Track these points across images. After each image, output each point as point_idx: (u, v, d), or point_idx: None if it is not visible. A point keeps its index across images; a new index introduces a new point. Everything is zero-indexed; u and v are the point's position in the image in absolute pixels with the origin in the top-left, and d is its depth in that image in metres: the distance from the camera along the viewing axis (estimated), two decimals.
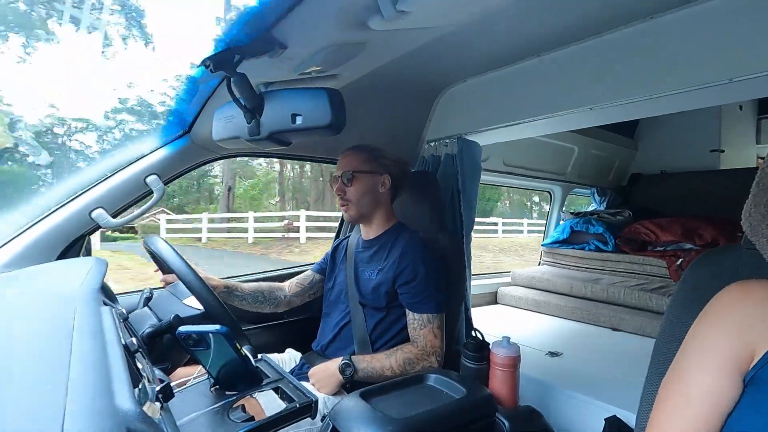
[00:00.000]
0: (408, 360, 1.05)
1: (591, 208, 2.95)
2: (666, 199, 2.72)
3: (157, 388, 0.49)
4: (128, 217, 1.17)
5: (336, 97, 0.71)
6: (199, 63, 0.73)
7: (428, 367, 1.06)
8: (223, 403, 0.68)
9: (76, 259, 1.08)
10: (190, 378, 0.85)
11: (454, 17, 0.79)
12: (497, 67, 1.38)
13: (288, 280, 1.37)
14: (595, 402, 1.16)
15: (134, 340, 0.56)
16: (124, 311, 0.75)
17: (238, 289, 1.23)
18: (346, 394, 1.00)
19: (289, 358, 1.27)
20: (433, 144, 1.65)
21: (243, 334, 0.97)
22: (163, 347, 0.88)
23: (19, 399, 0.32)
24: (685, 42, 0.99)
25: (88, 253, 1.15)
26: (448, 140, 1.58)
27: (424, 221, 1.32)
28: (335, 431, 0.83)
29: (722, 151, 2.73)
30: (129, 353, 0.51)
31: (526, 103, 1.33)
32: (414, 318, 1.10)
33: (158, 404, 0.47)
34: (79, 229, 1.09)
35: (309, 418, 0.68)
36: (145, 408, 0.39)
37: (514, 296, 2.38)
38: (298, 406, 0.66)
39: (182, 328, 0.68)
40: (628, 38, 1.09)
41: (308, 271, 1.38)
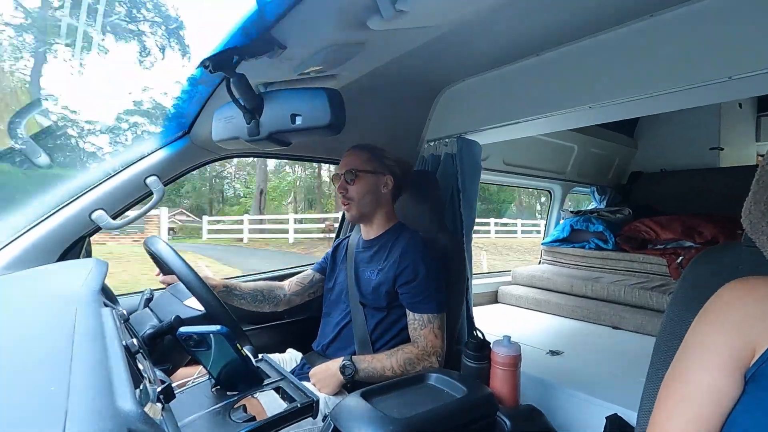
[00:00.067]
0: (409, 360, 1.05)
1: (591, 207, 2.95)
2: (666, 197, 2.72)
3: (158, 389, 0.49)
4: (128, 218, 1.17)
5: (335, 97, 0.71)
6: (198, 63, 0.73)
7: (429, 367, 1.06)
8: (224, 403, 0.68)
9: (77, 260, 1.08)
10: (191, 379, 0.85)
11: (454, 16, 0.79)
12: (497, 66, 1.38)
13: (288, 280, 1.37)
14: (596, 400, 1.17)
15: (135, 341, 0.56)
16: (125, 312, 0.75)
17: (237, 289, 1.23)
18: (347, 394, 1.00)
19: (289, 358, 1.27)
20: (432, 143, 1.65)
21: (244, 334, 0.97)
22: (163, 348, 0.88)
23: (20, 400, 0.32)
24: (684, 40, 0.99)
25: (89, 255, 1.15)
26: (447, 140, 1.58)
27: (424, 221, 1.32)
28: (336, 431, 0.83)
29: (722, 149, 2.73)
30: (130, 354, 0.51)
31: (526, 102, 1.33)
32: (414, 318, 1.10)
33: (159, 405, 0.47)
34: (79, 231, 1.09)
35: (310, 418, 0.68)
36: (147, 409, 0.39)
37: (515, 295, 2.38)
38: (299, 406, 0.65)
39: (183, 329, 0.68)
40: (628, 36, 1.09)
41: (308, 270, 1.38)
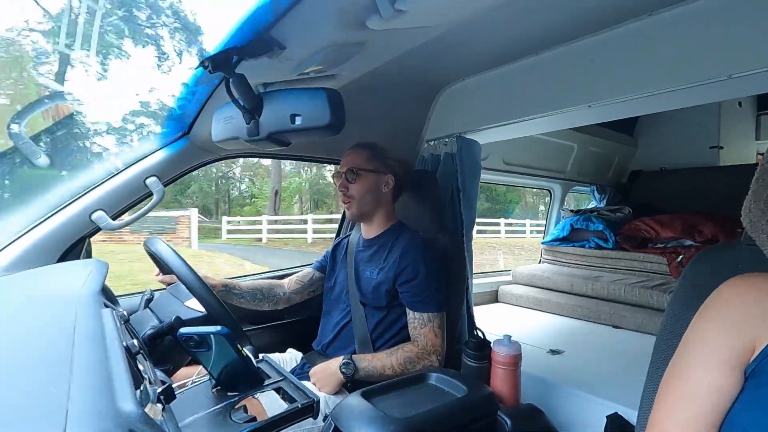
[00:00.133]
0: (409, 359, 1.05)
1: (591, 206, 2.95)
2: (666, 196, 2.72)
3: (159, 390, 0.49)
4: (128, 219, 1.17)
5: (335, 97, 0.71)
6: (197, 64, 0.73)
7: (429, 366, 1.06)
8: (224, 404, 0.68)
9: (77, 261, 1.08)
10: (192, 379, 0.85)
11: (453, 16, 0.79)
12: (496, 66, 1.38)
13: (287, 278, 1.37)
14: (597, 399, 1.17)
15: (135, 341, 0.56)
16: (125, 313, 0.75)
17: (237, 288, 1.23)
18: (348, 394, 1.00)
19: (290, 358, 1.27)
20: (432, 143, 1.65)
21: (244, 334, 0.97)
22: (164, 349, 0.88)
23: (20, 401, 0.32)
24: (683, 39, 0.99)
25: (89, 256, 1.15)
26: (447, 139, 1.58)
27: (425, 221, 1.32)
28: (337, 431, 0.83)
29: (722, 148, 2.73)
30: (130, 355, 0.51)
31: (526, 101, 1.33)
32: (414, 317, 1.10)
33: (160, 406, 0.47)
34: (79, 232, 1.09)
35: (311, 418, 0.68)
36: (147, 409, 0.39)
37: (515, 294, 2.38)
38: (299, 406, 0.65)
39: (183, 330, 0.68)
40: (627, 35, 1.09)
41: (308, 268, 1.38)
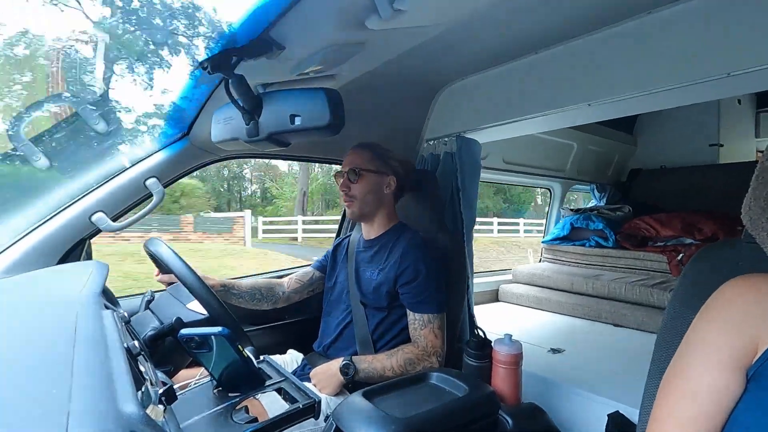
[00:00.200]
0: (409, 360, 1.05)
1: (591, 204, 2.95)
2: (665, 194, 2.72)
3: (160, 391, 0.49)
4: (128, 220, 1.17)
5: (334, 97, 0.71)
6: (197, 65, 0.73)
7: (429, 367, 1.06)
8: (226, 404, 0.68)
9: (77, 263, 1.08)
10: (193, 380, 0.85)
11: (452, 15, 0.79)
12: (495, 65, 1.38)
13: (287, 277, 1.37)
14: (598, 398, 1.17)
15: (136, 343, 0.56)
16: (126, 314, 0.75)
17: (235, 287, 1.23)
18: (348, 395, 1.00)
19: (291, 359, 1.27)
20: (432, 143, 1.65)
21: (245, 335, 0.97)
22: (165, 350, 0.88)
23: (22, 403, 0.32)
24: (682, 37, 0.99)
25: (89, 257, 1.15)
26: (447, 139, 1.58)
27: (425, 220, 1.32)
28: (338, 431, 0.83)
29: (721, 146, 2.73)
30: (131, 356, 0.51)
31: (525, 100, 1.33)
32: (415, 318, 1.10)
33: (161, 407, 0.47)
34: (79, 233, 1.09)
35: (312, 419, 0.68)
36: (149, 411, 0.39)
37: (516, 293, 2.38)
38: (301, 406, 0.65)
39: (184, 331, 0.68)
40: (626, 34, 1.09)
41: (308, 267, 1.38)
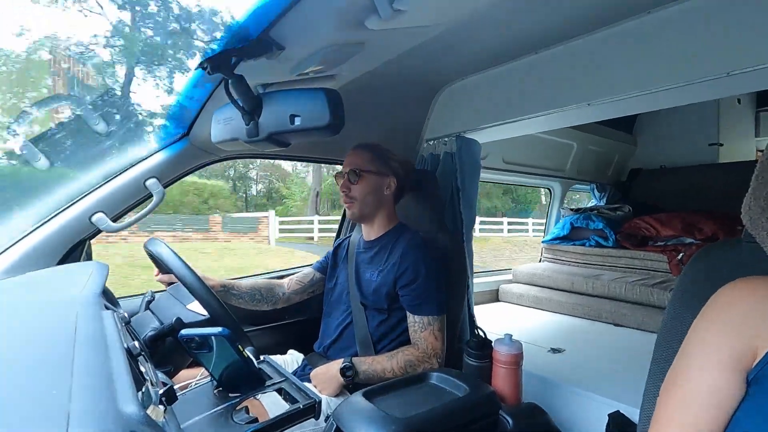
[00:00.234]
0: (409, 362, 1.05)
1: (591, 204, 2.95)
2: (665, 194, 2.72)
3: (161, 391, 0.49)
4: (128, 221, 1.17)
5: (334, 97, 0.71)
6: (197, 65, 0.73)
7: (429, 369, 1.06)
8: (226, 405, 0.68)
9: (77, 263, 1.08)
10: (193, 380, 0.85)
11: (451, 15, 0.79)
12: (495, 65, 1.38)
13: (287, 278, 1.37)
14: (598, 398, 1.17)
15: (136, 343, 0.56)
16: (126, 315, 0.75)
17: (235, 288, 1.23)
18: (349, 395, 1.00)
19: (291, 360, 1.27)
20: (432, 143, 1.65)
21: (245, 335, 0.97)
22: (165, 350, 0.88)
23: (22, 404, 0.32)
24: (682, 37, 0.99)
25: (89, 258, 1.15)
26: (447, 139, 1.58)
27: (425, 221, 1.32)
28: (339, 431, 0.83)
29: (721, 145, 2.73)
30: (131, 357, 0.51)
31: (525, 100, 1.33)
32: (414, 320, 1.10)
33: (162, 407, 0.47)
34: (79, 234, 1.09)
35: (312, 419, 0.68)
36: (149, 411, 0.39)
37: (516, 293, 2.38)
38: (301, 407, 0.65)
39: (184, 331, 0.68)
40: (626, 34, 1.09)
41: (308, 269, 1.38)
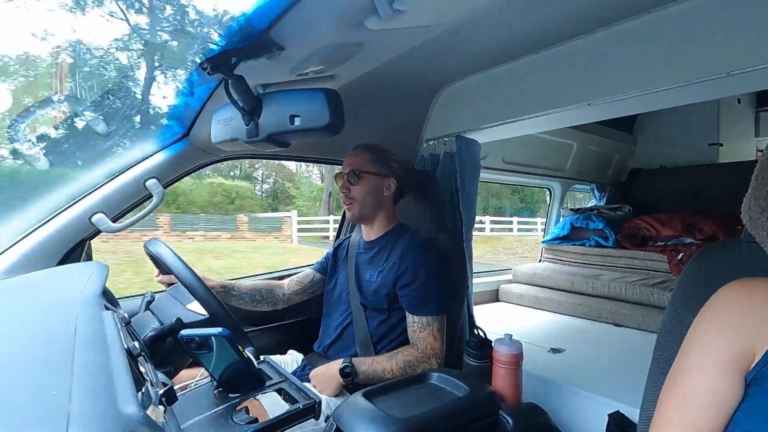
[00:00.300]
0: (408, 363, 1.05)
1: (591, 204, 2.95)
2: (665, 194, 2.72)
3: (161, 392, 0.49)
4: (128, 221, 1.17)
5: (334, 97, 0.71)
6: (197, 66, 0.73)
7: (429, 369, 1.06)
8: (226, 405, 0.68)
9: (77, 264, 1.08)
10: (193, 381, 0.85)
11: (451, 15, 0.79)
12: (495, 65, 1.38)
13: (287, 279, 1.37)
14: (598, 398, 1.17)
15: (136, 344, 0.56)
16: (126, 315, 0.75)
17: (235, 289, 1.23)
18: (349, 395, 1.00)
19: (291, 360, 1.27)
20: (432, 143, 1.65)
21: (245, 336, 0.97)
22: (165, 350, 0.88)
23: (22, 404, 0.32)
24: (681, 36, 0.99)
25: (89, 258, 1.15)
26: (447, 139, 1.58)
27: (425, 221, 1.32)
28: (339, 431, 0.83)
29: (721, 145, 2.73)
30: (131, 357, 0.51)
31: (525, 100, 1.33)
32: (414, 321, 1.09)
33: (162, 408, 0.47)
34: (79, 234, 1.09)
35: (313, 419, 0.68)
36: (149, 412, 0.39)
37: (516, 293, 2.38)
38: (301, 407, 0.65)
39: (184, 332, 0.68)
40: (625, 33, 1.09)
41: (308, 269, 1.38)
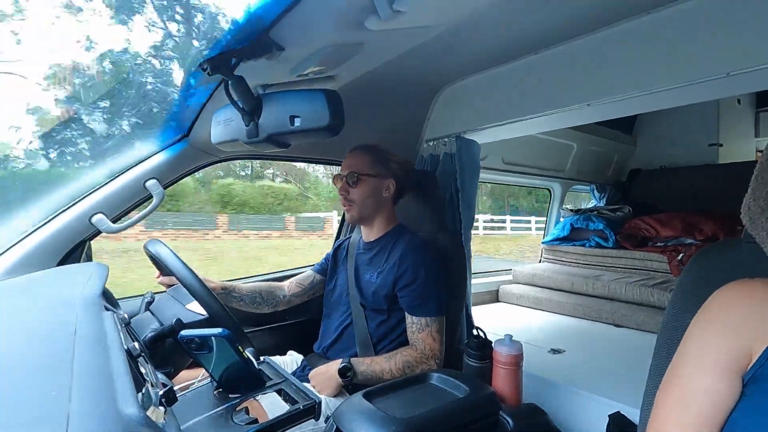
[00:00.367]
0: (407, 363, 1.05)
1: (591, 205, 2.95)
2: (665, 194, 2.72)
3: (161, 393, 0.49)
4: (128, 221, 1.17)
5: (334, 98, 0.71)
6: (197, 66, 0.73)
7: (428, 369, 1.05)
8: (226, 406, 0.68)
9: (77, 264, 1.08)
10: (193, 381, 0.85)
11: (451, 15, 0.79)
12: (495, 65, 1.38)
13: (288, 280, 1.37)
14: (599, 398, 1.16)
15: (136, 344, 0.56)
16: (126, 316, 0.75)
17: (236, 290, 1.23)
18: (348, 396, 1.00)
19: (291, 360, 1.27)
20: (431, 143, 1.65)
21: (245, 336, 0.97)
22: (165, 351, 0.88)
23: (22, 405, 0.32)
24: (681, 37, 0.99)
25: (89, 259, 1.15)
26: (446, 139, 1.58)
27: (424, 221, 1.32)
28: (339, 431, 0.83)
29: (721, 145, 2.73)
30: (131, 358, 0.51)
31: (524, 101, 1.33)
32: (413, 321, 1.09)
33: (162, 408, 0.47)
34: (79, 235, 1.09)
35: (312, 420, 0.68)
36: (149, 412, 0.39)
37: (516, 294, 2.38)
38: (301, 407, 0.65)
39: (184, 332, 0.68)
40: (625, 34, 1.09)
41: (309, 271, 1.38)
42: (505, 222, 15.01)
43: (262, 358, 0.80)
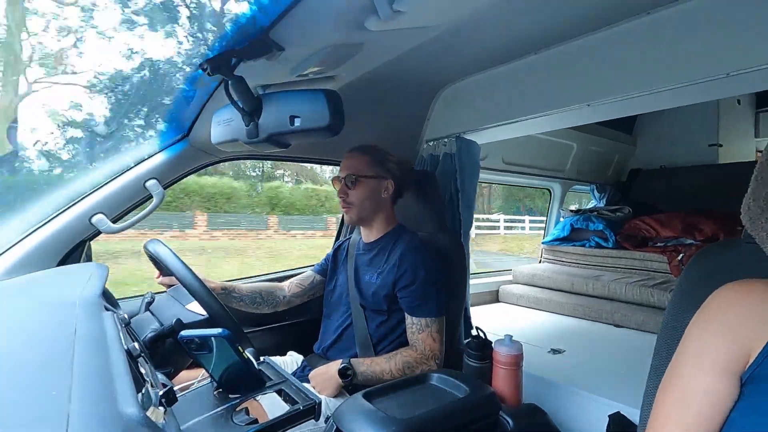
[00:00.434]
0: (407, 364, 1.05)
1: (591, 205, 2.95)
2: (665, 194, 2.72)
3: (161, 393, 0.49)
4: (128, 222, 1.17)
5: (334, 98, 0.71)
6: (196, 66, 0.73)
7: (428, 370, 1.05)
8: (226, 406, 0.68)
9: (77, 265, 1.08)
10: (193, 382, 0.85)
11: (451, 15, 0.79)
12: (495, 65, 1.38)
13: (288, 281, 1.37)
14: (599, 399, 1.16)
15: (136, 344, 0.56)
16: (126, 316, 0.75)
17: (236, 291, 1.23)
18: (348, 396, 1.00)
19: (291, 361, 1.27)
20: (431, 143, 1.65)
21: (245, 337, 0.97)
22: (165, 351, 0.88)
23: (22, 405, 0.32)
24: (681, 37, 0.99)
25: (89, 259, 1.15)
26: (446, 139, 1.58)
27: (424, 221, 1.32)
28: None
29: (721, 146, 2.73)
30: (131, 358, 0.51)
31: (524, 101, 1.33)
32: (413, 322, 1.09)
33: (162, 409, 0.47)
34: (79, 235, 1.09)
35: (312, 420, 0.68)
36: (149, 413, 0.39)
37: (516, 294, 2.38)
38: (301, 408, 0.65)
39: (184, 332, 0.68)
40: (625, 34, 1.09)
41: (309, 271, 1.38)
42: (524, 222, 15.73)
43: (262, 359, 0.80)
